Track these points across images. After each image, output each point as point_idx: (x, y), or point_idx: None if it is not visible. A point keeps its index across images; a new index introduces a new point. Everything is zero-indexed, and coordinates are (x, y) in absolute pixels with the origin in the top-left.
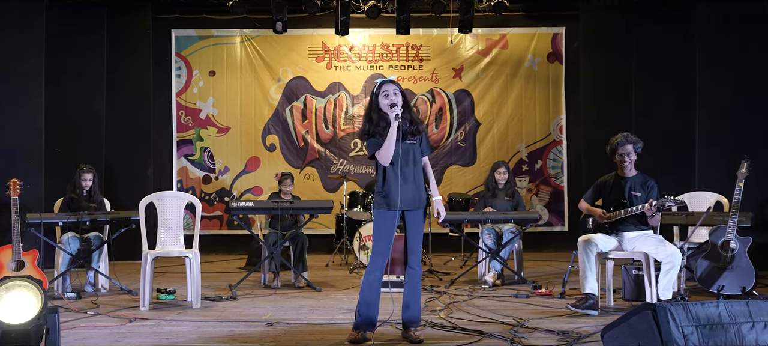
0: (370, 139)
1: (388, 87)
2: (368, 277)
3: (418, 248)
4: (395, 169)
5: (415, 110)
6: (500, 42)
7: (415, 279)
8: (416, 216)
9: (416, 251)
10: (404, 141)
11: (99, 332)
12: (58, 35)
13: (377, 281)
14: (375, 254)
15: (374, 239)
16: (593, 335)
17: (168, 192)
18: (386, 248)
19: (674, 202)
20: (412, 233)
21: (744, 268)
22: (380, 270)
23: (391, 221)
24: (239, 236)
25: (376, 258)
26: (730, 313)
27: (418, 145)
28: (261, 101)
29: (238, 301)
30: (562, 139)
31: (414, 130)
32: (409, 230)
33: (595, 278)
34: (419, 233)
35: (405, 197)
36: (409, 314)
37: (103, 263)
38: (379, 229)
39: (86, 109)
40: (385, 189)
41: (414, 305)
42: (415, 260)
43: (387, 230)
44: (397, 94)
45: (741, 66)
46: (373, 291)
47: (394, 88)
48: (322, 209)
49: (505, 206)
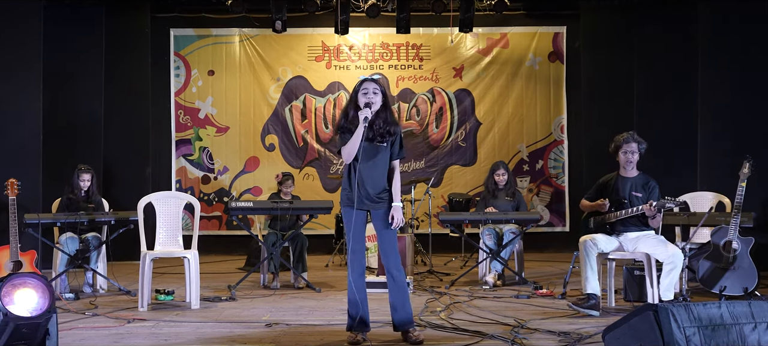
0: (343, 135)
1: (368, 85)
2: (349, 278)
3: (391, 251)
4: (357, 166)
5: (413, 112)
6: (501, 41)
7: (397, 281)
8: (380, 217)
9: (391, 254)
10: (372, 142)
11: (97, 333)
12: (56, 35)
13: (359, 280)
14: (350, 252)
15: (346, 237)
16: (594, 336)
17: (166, 192)
18: (358, 245)
19: (675, 203)
20: (380, 235)
21: (746, 269)
22: (358, 269)
23: (357, 218)
24: (238, 236)
25: (352, 256)
26: (732, 314)
27: (388, 148)
28: (260, 101)
29: (237, 302)
30: (563, 139)
31: (387, 131)
32: (377, 232)
33: (596, 278)
34: (389, 235)
35: (363, 195)
36: (398, 316)
37: (101, 264)
38: (347, 227)
39: (84, 109)
40: (347, 185)
41: (401, 307)
42: (391, 262)
43: (353, 227)
44: (376, 93)
45: (743, 65)
46: (358, 291)
47: (374, 87)
48: (321, 209)
49: (506, 207)
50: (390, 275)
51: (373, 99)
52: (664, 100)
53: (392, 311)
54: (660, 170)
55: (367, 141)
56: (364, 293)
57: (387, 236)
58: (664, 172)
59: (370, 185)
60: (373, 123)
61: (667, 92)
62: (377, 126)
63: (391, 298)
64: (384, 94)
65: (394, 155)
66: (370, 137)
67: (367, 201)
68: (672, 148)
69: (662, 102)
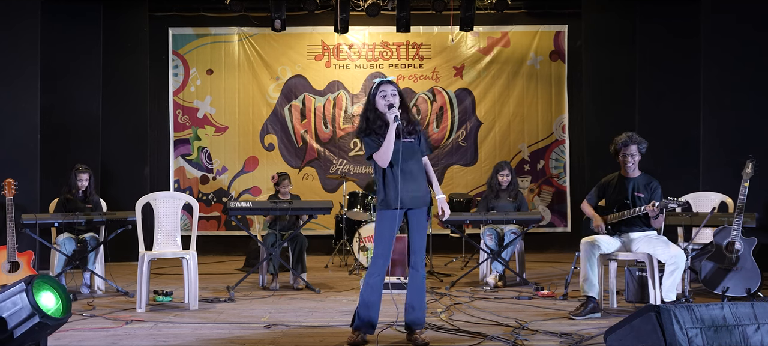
0: (367, 139)
1: (386, 88)
2: (369, 280)
3: (421, 248)
4: (395, 168)
5: (414, 111)
6: (502, 40)
7: (419, 281)
8: (419, 216)
9: (419, 252)
10: (403, 139)
11: (95, 335)
12: (54, 33)
13: (378, 284)
14: (376, 256)
15: (375, 240)
16: (596, 338)
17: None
18: (387, 250)
19: (677, 203)
20: (415, 233)
21: (749, 269)
22: (381, 274)
23: (393, 221)
24: (237, 236)
25: (377, 260)
26: (735, 315)
27: (417, 144)
28: (259, 100)
29: (236, 303)
30: (564, 139)
31: (411, 129)
32: (412, 230)
33: (597, 280)
34: (423, 233)
35: (406, 195)
36: (414, 316)
37: (99, 265)
38: (380, 230)
39: (82, 109)
40: (386, 189)
41: (419, 307)
42: (418, 261)
43: (387, 232)
44: (395, 95)
45: (746, 64)
46: (374, 294)
47: (392, 89)
48: (321, 209)
49: (508, 208)
50: (414, 274)
51: (393, 100)
52: (667, 100)
53: (409, 310)
54: (662, 170)
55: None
56: (379, 296)
57: (421, 235)
58: (666, 172)
59: (414, 183)
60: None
61: (669, 91)
62: (404, 125)
63: (409, 298)
64: (401, 95)
65: (423, 151)
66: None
67: (410, 200)
68: (674, 148)
69: (665, 101)
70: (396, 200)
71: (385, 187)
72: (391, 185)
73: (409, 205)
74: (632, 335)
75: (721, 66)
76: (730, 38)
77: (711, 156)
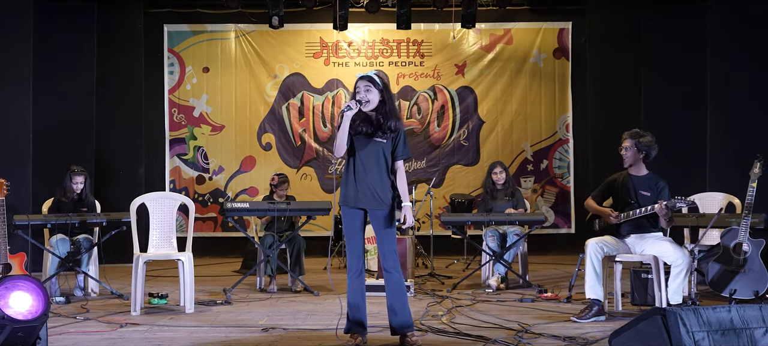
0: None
1: (359, 84)
2: (349, 281)
3: (390, 250)
4: (354, 164)
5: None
6: (504, 37)
7: (395, 283)
8: (379, 217)
9: (389, 254)
10: (371, 137)
11: (89, 338)
12: (47, 31)
13: (359, 285)
14: (349, 254)
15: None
16: (601, 341)
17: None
18: (355, 248)
19: (685, 203)
20: (379, 236)
21: (757, 271)
22: (356, 270)
23: (352, 219)
24: (234, 238)
25: (350, 258)
26: (743, 318)
27: (389, 145)
28: (256, 99)
29: (232, 305)
30: (568, 138)
31: (387, 127)
32: (376, 232)
33: (601, 283)
34: (388, 235)
35: (361, 194)
36: (397, 319)
37: (93, 267)
38: (344, 228)
39: (76, 108)
40: (345, 184)
41: (401, 310)
42: (389, 263)
43: (349, 229)
44: (368, 90)
45: (754, 62)
46: (356, 293)
47: (366, 85)
48: (319, 210)
49: (506, 207)
50: (389, 277)
51: (365, 96)
52: (673, 98)
53: (390, 315)
54: (668, 170)
55: (365, 136)
56: (362, 296)
57: (387, 238)
58: (672, 171)
59: (369, 181)
60: (371, 118)
61: (675, 90)
62: (376, 121)
63: (389, 300)
64: (383, 89)
65: (398, 155)
66: (368, 132)
67: (365, 199)
68: (681, 148)
69: (671, 100)
70: (350, 196)
71: (345, 182)
72: (348, 180)
73: (364, 204)
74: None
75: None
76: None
77: (718, 155)
